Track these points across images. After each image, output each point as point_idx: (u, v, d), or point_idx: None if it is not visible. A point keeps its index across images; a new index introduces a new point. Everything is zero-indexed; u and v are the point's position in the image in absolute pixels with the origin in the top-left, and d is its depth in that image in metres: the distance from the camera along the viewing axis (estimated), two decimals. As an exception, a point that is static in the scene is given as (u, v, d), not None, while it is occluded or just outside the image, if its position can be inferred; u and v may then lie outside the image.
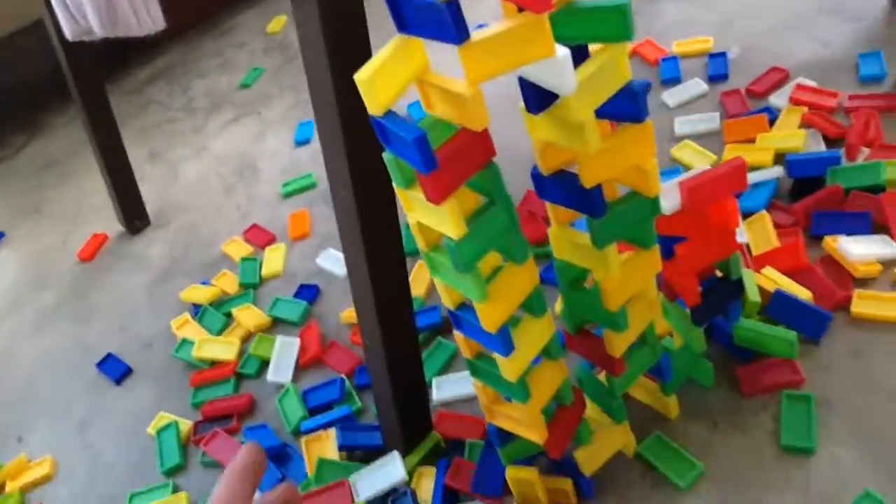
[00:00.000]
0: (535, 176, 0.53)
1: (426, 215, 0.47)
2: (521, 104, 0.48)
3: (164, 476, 0.79)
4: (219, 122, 1.37)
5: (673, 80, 1.05)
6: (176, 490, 0.77)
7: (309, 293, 0.92)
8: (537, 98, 0.46)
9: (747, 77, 1.01)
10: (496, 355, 0.53)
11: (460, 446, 0.71)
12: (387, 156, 0.46)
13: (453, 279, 0.50)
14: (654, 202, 0.53)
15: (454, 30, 0.39)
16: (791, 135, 0.88)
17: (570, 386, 0.60)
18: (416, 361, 0.69)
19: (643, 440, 0.66)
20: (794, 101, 0.93)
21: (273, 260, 0.99)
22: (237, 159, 1.24)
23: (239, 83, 1.45)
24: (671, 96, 1.02)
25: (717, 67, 1.04)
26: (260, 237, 1.04)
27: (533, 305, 0.53)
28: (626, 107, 0.49)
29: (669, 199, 0.59)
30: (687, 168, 0.91)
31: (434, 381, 0.77)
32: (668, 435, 0.66)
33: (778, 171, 0.85)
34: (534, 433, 0.58)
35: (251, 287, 0.97)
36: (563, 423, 0.61)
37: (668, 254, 0.62)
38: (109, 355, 0.95)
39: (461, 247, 0.46)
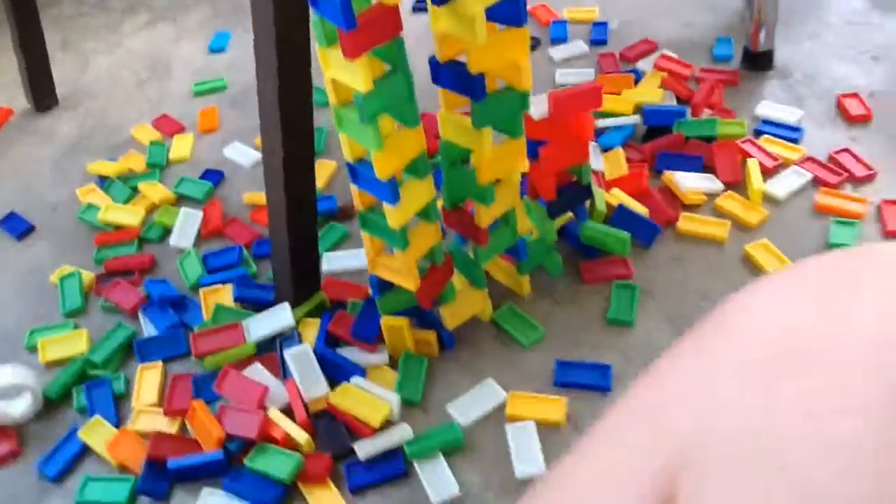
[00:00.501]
0: (433, 63, 0.65)
1: (340, 72, 0.58)
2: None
3: (65, 318, 0.86)
4: (134, 23, 1.40)
5: (560, 40, 1.19)
6: (76, 328, 0.84)
7: (214, 176, 1.00)
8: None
9: (622, 45, 1.16)
10: (385, 205, 0.64)
11: (343, 307, 0.82)
12: (314, 16, 0.56)
13: (357, 131, 0.61)
14: (524, 97, 0.66)
15: None
16: (650, 92, 1.03)
17: (443, 250, 0.73)
18: (312, 225, 0.79)
19: (498, 309, 0.79)
20: (657, 68, 1.09)
21: (181, 146, 1.06)
22: (151, 58, 1.29)
23: (156, -11, 1.48)
24: (557, 52, 1.16)
25: (598, 34, 1.19)
26: (169, 126, 1.11)
27: (418, 168, 0.65)
28: (510, 12, 0.61)
29: (539, 106, 0.73)
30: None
31: (325, 256, 0.87)
32: (519, 307, 0.80)
33: (635, 118, 1.00)
34: (408, 281, 0.70)
35: (158, 167, 1.04)
36: (433, 279, 0.73)
37: (533, 156, 0.76)
38: (12, 213, 1.00)
39: (367, 100, 0.57)
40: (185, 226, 0.93)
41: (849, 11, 1.18)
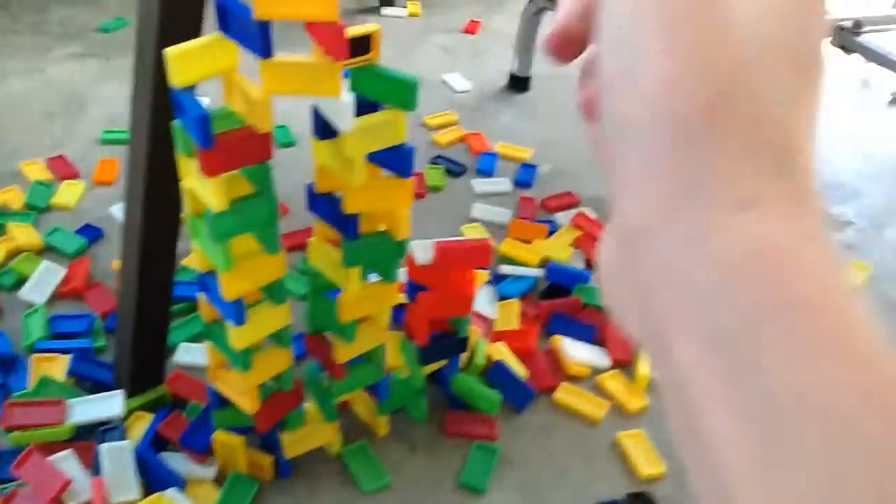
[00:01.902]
0: (309, 191, 0.62)
1: (198, 185, 0.54)
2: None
3: None
4: (64, 52, 1.36)
5: (486, 173, 1.18)
6: None
7: (91, 233, 0.94)
8: (323, 128, 0.55)
9: (546, 192, 1.16)
10: (228, 323, 0.59)
11: (183, 407, 0.75)
12: (176, 124, 0.53)
13: (207, 246, 0.57)
14: (401, 245, 0.63)
15: (261, 46, 0.47)
16: (561, 248, 1.02)
17: (293, 377, 0.68)
18: (164, 315, 0.74)
19: (348, 445, 0.74)
20: (574, 224, 1.08)
21: (67, 193, 1.00)
22: (68, 92, 1.24)
23: (100, 25, 1.45)
24: (479, 184, 1.15)
25: (525, 175, 1.18)
26: (63, 169, 1.05)
27: (274, 293, 0.61)
28: (395, 162, 0.59)
29: (425, 252, 0.70)
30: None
31: (182, 346, 0.81)
32: (372, 447, 0.75)
33: (539, 272, 0.98)
34: (246, 404, 0.64)
35: (36, 210, 0.97)
36: (276, 404, 0.68)
37: (412, 299, 0.72)
38: None
39: (218, 219, 0.53)
40: (43, 279, 0.86)
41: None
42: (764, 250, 0.18)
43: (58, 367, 0.75)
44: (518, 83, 1.44)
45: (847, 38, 1.35)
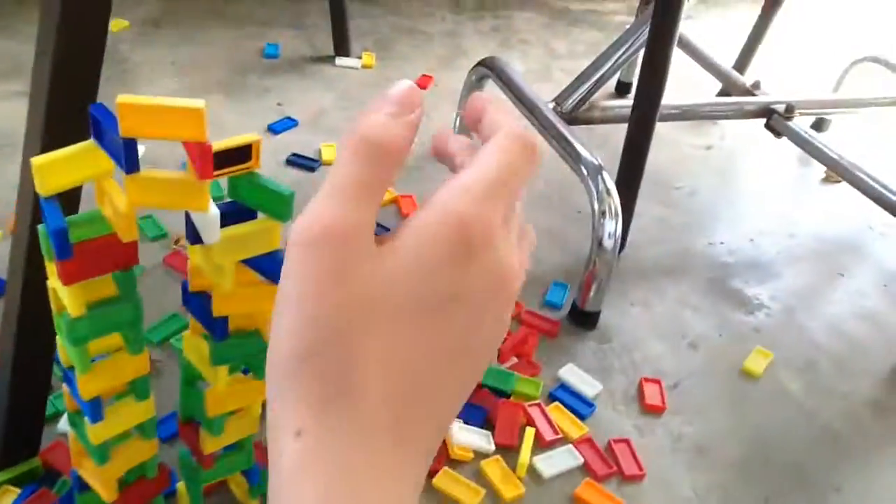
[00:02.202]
0: (184, 287, 0.63)
1: (59, 286, 0.55)
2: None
3: None
4: (6, 89, 1.37)
5: (411, 237, 1.20)
6: None
7: (-2, 288, 0.95)
8: (194, 234, 0.56)
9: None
10: (85, 418, 0.60)
11: (58, 478, 0.76)
12: (40, 229, 0.54)
13: (66, 345, 0.58)
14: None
15: (125, 162, 0.49)
16: (468, 323, 1.03)
17: (158, 463, 0.69)
18: (41, 388, 0.74)
19: (213, 529, 0.75)
20: (487, 297, 1.10)
21: (-18, 243, 1.01)
22: (3, 133, 1.25)
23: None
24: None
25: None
26: (-18, 216, 1.06)
27: (137, 390, 0.62)
28: (267, 268, 0.60)
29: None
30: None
31: (66, 414, 0.82)
32: (236, 532, 0.76)
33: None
34: (103, 492, 0.65)
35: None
36: (138, 492, 0.68)
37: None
38: None
39: (74, 325, 0.55)
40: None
41: (687, 289, 1.23)
42: (289, 468, 0.26)
43: (-69, 435, 0.76)
44: (459, 144, 1.46)
45: (779, 122, 1.38)
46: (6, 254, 1.00)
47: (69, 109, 0.62)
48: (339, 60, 1.69)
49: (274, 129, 1.38)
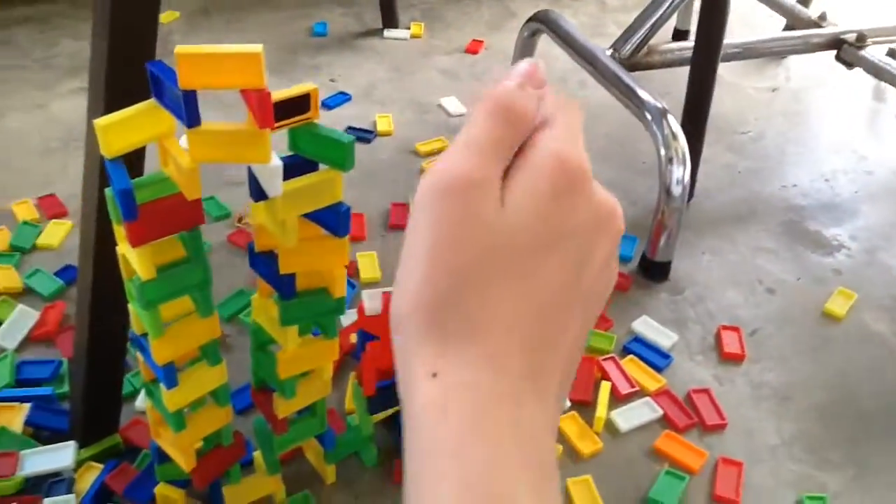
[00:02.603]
0: (250, 249, 0.62)
1: (128, 251, 0.55)
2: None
3: None
4: (70, 87, 1.39)
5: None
6: None
7: (71, 274, 0.97)
8: (257, 190, 0.56)
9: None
10: (161, 385, 0.61)
11: (138, 454, 0.77)
12: (108, 192, 0.54)
13: (138, 310, 0.58)
14: (339, 302, 0.63)
15: (186, 116, 0.48)
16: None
17: (233, 431, 0.69)
18: (117, 365, 0.76)
19: (293, 495, 0.75)
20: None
21: (53, 233, 1.03)
22: (70, 128, 1.27)
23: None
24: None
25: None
26: (52, 208, 1.08)
27: (209, 354, 0.62)
28: (330, 221, 0.59)
29: (373, 301, 0.70)
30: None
31: (144, 390, 0.83)
32: (317, 495, 0.76)
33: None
34: (182, 460, 0.66)
35: (20, 251, 1.00)
36: (215, 460, 0.69)
37: (362, 348, 0.73)
38: None
39: (145, 287, 0.54)
40: (16, 324, 0.89)
41: (761, 234, 1.18)
42: (425, 406, 0.27)
43: (16, 416, 0.78)
44: (513, 105, 1.43)
45: (850, 52, 1.31)
46: (77, 246, 1.03)
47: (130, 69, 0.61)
48: (388, 32, 1.67)
49: (328, 105, 1.38)
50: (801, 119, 1.50)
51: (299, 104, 0.54)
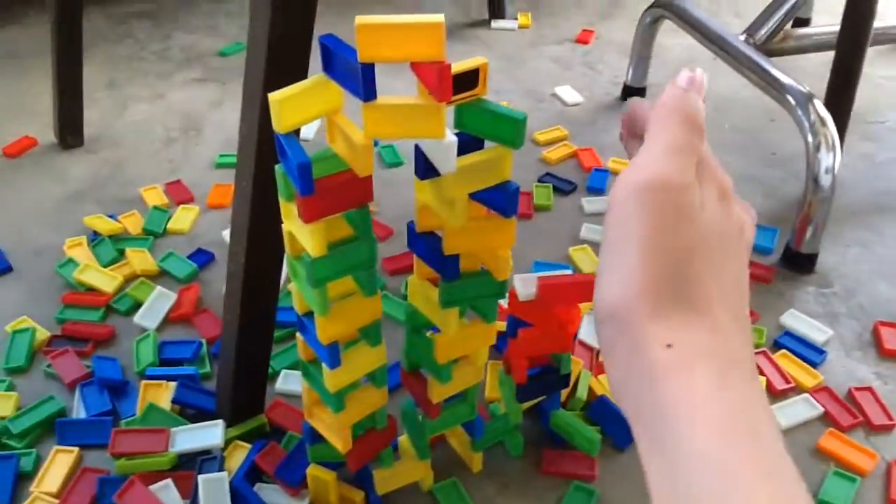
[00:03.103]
0: (410, 229, 0.60)
1: (297, 228, 0.54)
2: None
3: (4, 372, 0.82)
4: (185, 77, 1.41)
5: (597, 190, 1.14)
6: (11, 388, 0.80)
7: (203, 258, 0.97)
8: (425, 167, 0.53)
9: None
10: (323, 365, 0.59)
11: (283, 435, 0.76)
12: (278, 168, 0.52)
13: (304, 289, 0.56)
14: (501, 285, 0.60)
15: (363, 89, 0.46)
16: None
17: (387, 414, 0.67)
18: (266, 347, 0.74)
19: (441, 481, 0.72)
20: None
21: (183, 217, 1.04)
22: (187, 117, 1.29)
23: (219, 50, 1.50)
24: (589, 203, 1.11)
25: (638, 192, 1.13)
26: (180, 193, 1.09)
27: (370, 335, 0.60)
28: (498, 200, 0.56)
29: (527, 287, 0.67)
30: (577, 270, 0.99)
31: (283, 373, 0.82)
32: (463, 483, 0.73)
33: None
34: (338, 442, 0.64)
35: (153, 235, 1.01)
36: (369, 443, 0.67)
37: (513, 334, 0.70)
38: (-3, 248, 0.98)
39: (316, 265, 0.52)
40: (156, 304, 0.89)
41: (909, 227, 1.11)
42: (667, 368, 0.31)
43: (164, 394, 0.77)
44: (633, 94, 1.39)
45: None
46: (206, 229, 1.04)
47: (290, 44, 0.60)
48: (495, 23, 1.65)
49: (440, 95, 1.36)
50: (941, 107, 1.41)
51: (469, 79, 0.51)
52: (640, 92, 1.39)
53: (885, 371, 0.88)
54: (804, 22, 1.62)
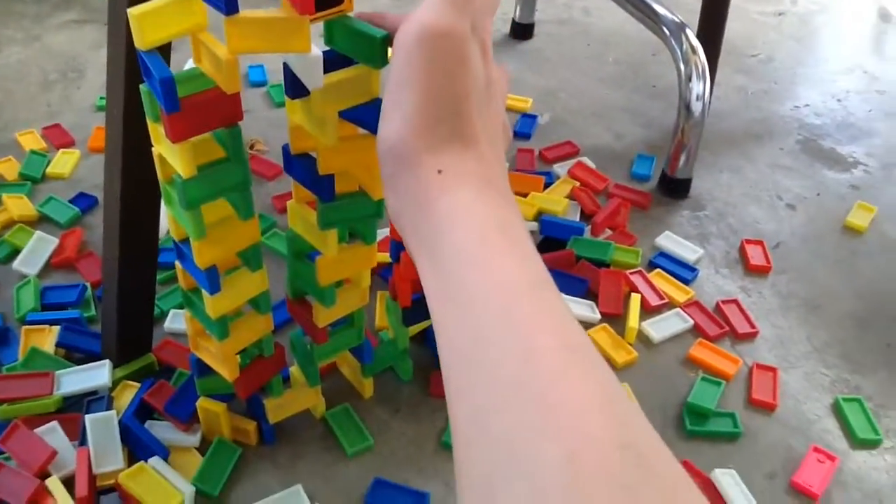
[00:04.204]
0: (285, 152, 0.60)
1: (166, 150, 0.53)
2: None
3: None
4: (63, 18, 1.35)
5: (485, 124, 1.16)
6: None
7: (86, 202, 0.95)
8: (294, 86, 0.54)
9: (545, 142, 1.14)
10: (203, 291, 0.59)
11: (172, 373, 0.76)
12: (143, 87, 0.52)
13: (178, 213, 0.56)
14: (378, 204, 0.62)
15: (224, 1, 0.46)
16: (556, 200, 1.00)
17: (273, 342, 0.68)
18: (149, 280, 0.74)
19: (332, 408, 0.74)
20: (571, 175, 1.07)
21: (63, 162, 1.01)
22: (66, 60, 1.24)
23: (98, -10, 1.44)
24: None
25: (524, 126, 1.16)
26: (58, 137, 1.05)
27: (250, 259, 0.61)
28: (368, 118, 0.57)
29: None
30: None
31: (172, 312, 0.82)
32: (355, 409, 0.75)
33: (533, 225, 0.97)
34: (225, 370, 0.65)
35: (31, 181, 0.98)
36: (256, 371, 0.68)
37: (396, 258, 0.72)
38: None
39: (187, 186, 0.53)
40: (36, 250, 0.87)
41: (777, 152, 1.17)
42: (440, 189, 0.36)
43: (47, 338, 0.76)
44: (521, 31, 1.41)
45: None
46: (88, 173, 1.01)
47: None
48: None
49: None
50: (809, 42, 1.49)
51: None
52: (529, 28, 1.41)
53: (749, 285, 0.94)
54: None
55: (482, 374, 0.29)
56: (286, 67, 0.54)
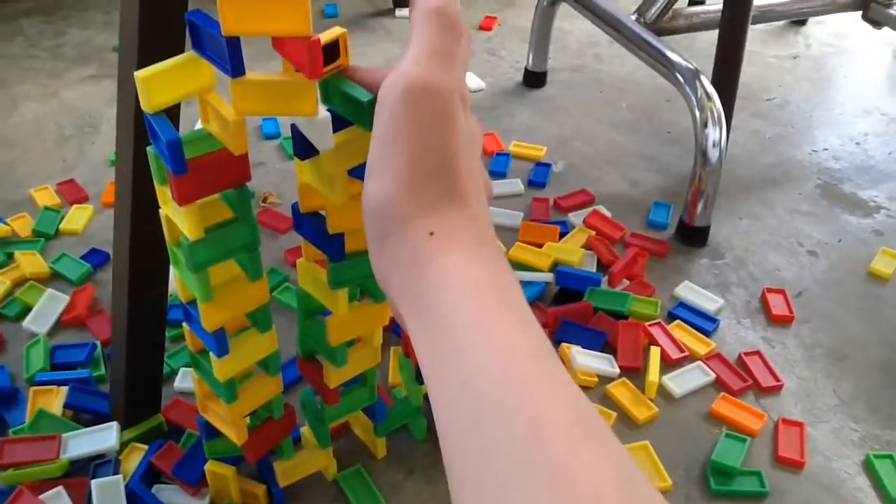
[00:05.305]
0: (294, 210, 0.59)
1: (173, 212, 0.53)
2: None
3: None
4: (79, 74, 1.37)
5: (498, 174, 1.15)
6: None
7: (98, 258, 0.94)
8: (303, 147, 0.53)
9: (560, 191, 1.12)
10: (211, 354, 0.58)
11: (181, 434, 0.75)
12: (150, 150, 0.51)
13: (185, 275, 0.55)
14: (390, 262, 0.60)
15: (230, 64, 0.45)
16: (572, 251, 0.99)
17: (283, 403, 0.66)
18: (158, 340, 0.73)
19: (345, 469, 0.72)
20: (587, 224, 1.05)
21: (76, 217, 1.01)
22: (82, 115, 1.25)
23: (115, 45, 1.45)
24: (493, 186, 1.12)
25: (539, 175, 1.15)
26: (73, 192, 1.06)
27: (258, 320, 0.59)
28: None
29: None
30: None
31: (181, 371, 0.81)
32: (368, 470, 0.73)
33: (549, 276, 0.96)
34: (233, 434, 0.63)
35: (44, 237, 0.98)
36: (266, 433, 0.66)
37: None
38: None
39: (193, 248, 0.52)
40: (46, 308, 0.86)
41: (797, 197, 1.15)
42: (430, 252, 0.34)
43: (55, 399, 0.75)
44: (534, 79, 1.41)
45: (879, 11, 1.28)
46: (100, 230, 1.01)
47: (162, 24, 0.59)
48: (399, 12, 1.65)
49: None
50: (825, 84, 1.48)
51: (331, 51, 0.51)
52: (542, 76, 1.41)
53: (771, 335, 0.92)
54: (699, 2, 1.67)
55: (487, 449, 0.28)
56: (294, 129, 0.53)
